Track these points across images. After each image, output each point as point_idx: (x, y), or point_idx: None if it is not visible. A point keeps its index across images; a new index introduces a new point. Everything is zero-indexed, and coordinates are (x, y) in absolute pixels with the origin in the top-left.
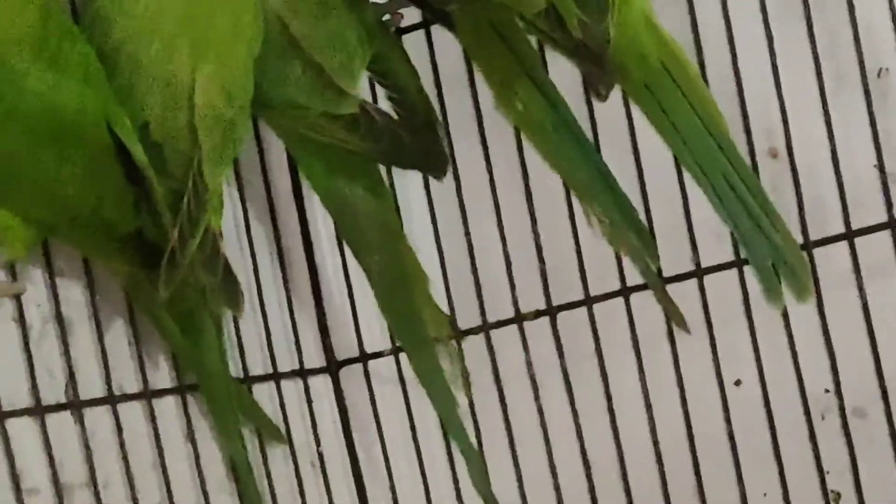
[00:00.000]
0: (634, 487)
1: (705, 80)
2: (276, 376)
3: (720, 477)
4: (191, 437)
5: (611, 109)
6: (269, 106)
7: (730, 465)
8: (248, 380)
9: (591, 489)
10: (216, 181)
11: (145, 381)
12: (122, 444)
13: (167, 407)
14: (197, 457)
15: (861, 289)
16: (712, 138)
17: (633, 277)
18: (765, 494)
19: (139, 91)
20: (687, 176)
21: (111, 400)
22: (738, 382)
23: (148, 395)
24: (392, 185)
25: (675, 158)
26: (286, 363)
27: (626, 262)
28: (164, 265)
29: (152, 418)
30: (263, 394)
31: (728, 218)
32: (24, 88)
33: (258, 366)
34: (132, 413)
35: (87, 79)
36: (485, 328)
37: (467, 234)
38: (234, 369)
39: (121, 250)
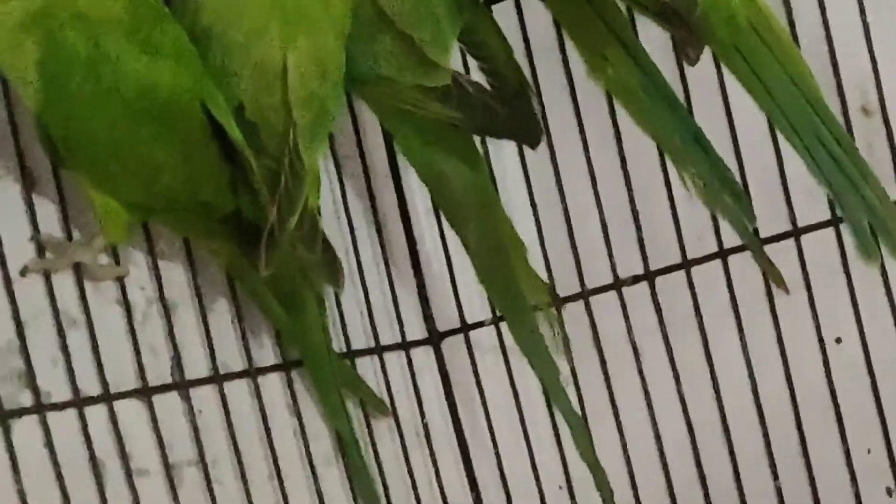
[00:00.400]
0: (738, 450)
1: (795, 39)
2: (378, 349)
3: (824, 437)
4: (296, 413)
5: (702, 71)
6: (361, 81)
7: (833, 424)
8: (351, 354)
9: (696, 453)
10: (312, 158)
11: (249, 359)
12: (229, 423)
13: (272, 384)
14: (303, 432)
15: None
16: (803, 97)
17: (731, 239)
18: (868, 451)
19: (232, 71)
20: (780, 136)
21: (217, 379)
22: (838, 340)
23: (253, 372)
24: (487, 155)
25: (768, 119)
26: (388, 336)
27: (723, 224)
28: (264, 244)
29: (258, 395)
30: (367, 367)
31: (822, 177)
32: (120, 70)
33: (360, 340)
34: (238, 391)
35: (180, 59)
36: (584, 295)
37: (563, 201)
38: (337, 344)
39: (220, 231)
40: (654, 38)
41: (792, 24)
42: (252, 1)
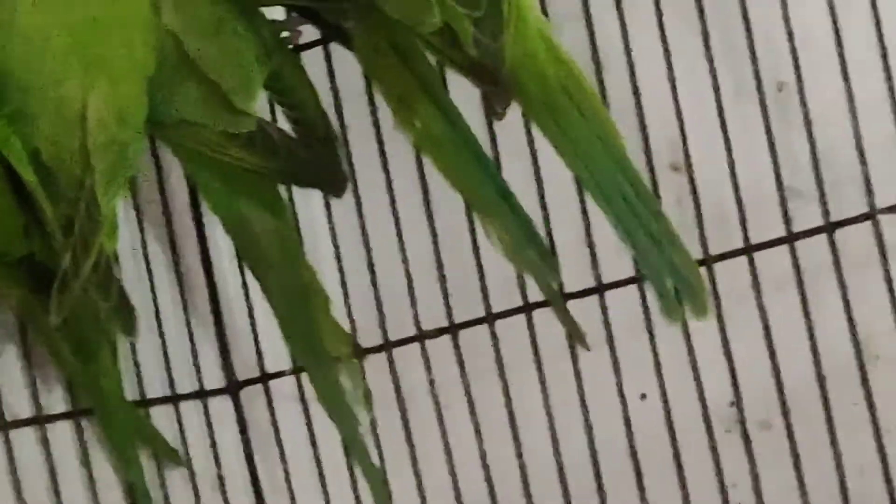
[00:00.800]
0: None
1: (604, 98)
2: (174, 398)
3: (624, 492)
4: (86, 463)
5: (510, 127)
6: (164, 125)
7: (633, 480)
8: (146, 403)
9: None
10: (110, 204)
11: (38, 406)
12: (13, 471)
13: (61, 432)
14: (93, 482)
15: (760, 303)
16: (610, 157)
17: (535, 294)
18: None
19: (30, 114)
20: (587, 193)
21: (3, 426)
22: (643, 396)
23: (41, 420)
24: (292, 203)
25: (575, 177)
26: (186, 385)
27: (528, 278)
28: (56, 289)
29: (45, 444)
30: (162, 416)
31: (626, 236)
32: None
33: (157, 388)
34: (24, 439)
35: None
36: (387, 347)
37: (368, 251)
38: (132, 392)
39: (11, 275)
40: (462, 92)
41: (601, 82)
42: (52, 43)
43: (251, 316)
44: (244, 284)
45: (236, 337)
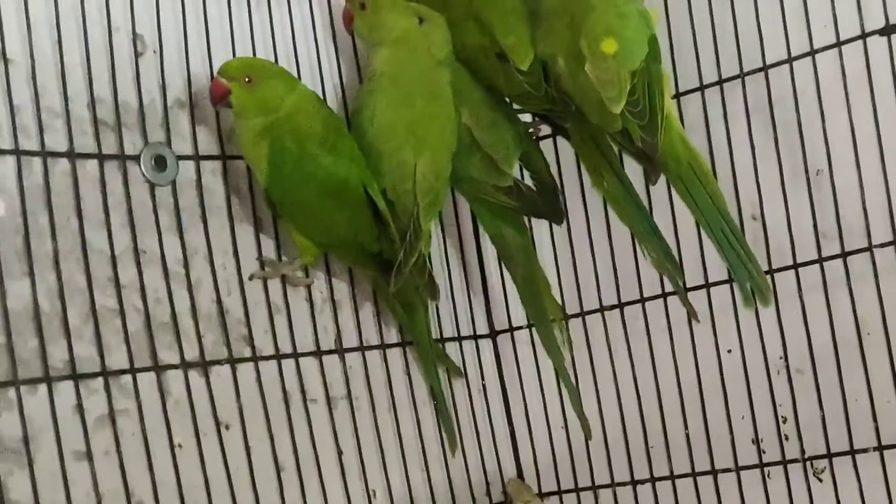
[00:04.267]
0: None
1: (714, 172)
2: (459, 338)
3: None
4: (407, 372)
5: (659, 189)
6: (460, 180)
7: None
8: (443, 340)
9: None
10: (427, 224)
11: (382, 337)
12: (367, 377)
13: (395, 355)
14: (411, 384)
15: (801, 297)
16: (717, 209)
17: (667, 286)
18: None
19: (382, 169)
20: (703, 231)
21: (362, 349)
22: (729, 351)
23: (383, 346)
24: (531, 227)
25: (696, 220)
26: (466, 330)
27: (666, 278)
28: (395, 272)
29: (385, 361)
30: (451, 348)
31: (724, 256)
32: (315, 163)
33: (449, 331)
34: (373, 357)
35: (353, 159)
36: (581, 314)
37: (573, 256)
38: (435, 333)
39: (369, 262)
40: (633, 168)
41: (713, 164)
42: (395, 129)
43: (504, 293)
44: (501, 275)
45: (496, 304)
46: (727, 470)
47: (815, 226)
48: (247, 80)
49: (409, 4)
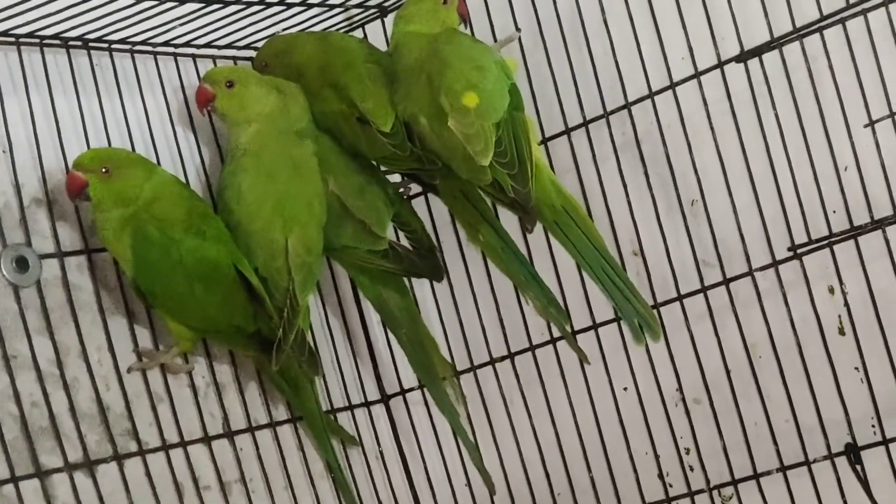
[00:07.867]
0: None
1: (590, 214)
2: (350, 407)
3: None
4: (301, 448)
5: (537, 236)
6: (334, 249)
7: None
8: (334, 410)
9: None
10: (304, 299)
11: (270, 415)
12: (260, 458)
13: (286, 432)
14: (306, 460)
15: (689, 329)
16: (596, 249)
17: (555, 332)
18: None
19: (252, 247)
20: (584, 273)
21: (251, 429)
22: (625, 389)
23: (273, 424)
24: (412, 287)
25: (576, 263)
26: (356, 398)
27: (552, 324)
28: (275, 350)
29: (276, 440)
30: (344, 417)
31: (608, 294)
32: (181, 249)
33: (339, 401)
34: (264, 437)
35: (220, 240)
36: (472, 369)
37: (458, 313)
38: (325, 404)
39: (247, 343)
40: (507, 218)
41: (588, 206)
42: (263, 208)
43: (392, 356)
44: (387, 338)
45: (384, 368)
46: None
47: (694, 255)
48: (103, 170)
49: (268, 79)
